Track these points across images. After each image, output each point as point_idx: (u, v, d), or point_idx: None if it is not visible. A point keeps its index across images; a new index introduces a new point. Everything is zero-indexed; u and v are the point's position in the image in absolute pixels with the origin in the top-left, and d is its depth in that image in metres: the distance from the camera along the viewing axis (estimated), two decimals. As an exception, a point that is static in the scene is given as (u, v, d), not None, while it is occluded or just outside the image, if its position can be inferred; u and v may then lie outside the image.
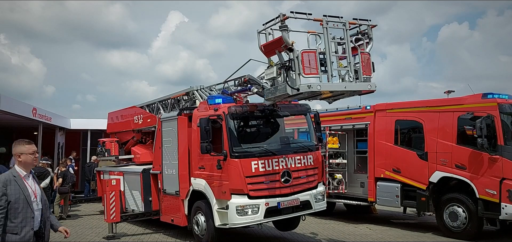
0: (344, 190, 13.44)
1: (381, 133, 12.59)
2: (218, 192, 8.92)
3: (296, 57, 7.37)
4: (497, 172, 9.93)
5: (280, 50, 7.66)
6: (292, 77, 7.48)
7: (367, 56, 8.12)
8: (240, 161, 8.60)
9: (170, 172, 10.54)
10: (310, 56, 7.42)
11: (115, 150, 14.62)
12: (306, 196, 9.26)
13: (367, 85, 8.01)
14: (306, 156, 9.37)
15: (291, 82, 7.44)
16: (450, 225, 10.76)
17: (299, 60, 7.33)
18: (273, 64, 7.88)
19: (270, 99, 8.27)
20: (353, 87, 7.93)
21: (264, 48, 7.91)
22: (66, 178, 14.11)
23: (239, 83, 9.91)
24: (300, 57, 7.34)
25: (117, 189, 10.84)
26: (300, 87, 7.32)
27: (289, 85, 7.43)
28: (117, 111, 15.33)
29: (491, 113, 10.06)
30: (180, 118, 10.22)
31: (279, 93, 7.70)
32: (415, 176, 11.55)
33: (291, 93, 7.42)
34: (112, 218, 10.62)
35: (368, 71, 8.07)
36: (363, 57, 8.02)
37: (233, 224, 8.61)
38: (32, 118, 15.79)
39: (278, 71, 7.77)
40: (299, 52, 7.37)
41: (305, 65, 7.32)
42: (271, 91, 7.99)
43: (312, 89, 7.35)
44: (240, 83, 9.88)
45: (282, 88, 7.59)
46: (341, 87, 7.83)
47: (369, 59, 8.14)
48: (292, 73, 7.47)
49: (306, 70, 7.35)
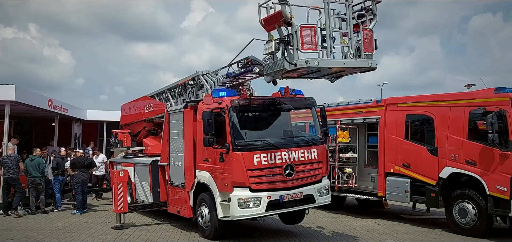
0: (354, 184, 13.30)
1: (392, 128, 12.40)
2: (221, 185, 8.96)
3: (295, 31, 7.20)
4: (508, 168, 9.64)
5: (279, 25, 7.48)
6: (290, 52, 7.29)
7: (369, 32, 7.85)
8: (242, 154, 8.61)
9: (177, 164, 10.64)
10: (309, 31, 7.23)
11: (127, 142, 14.83)
12: (310, 189, 9.22)
13: (368, 62, 7.72)
14: (310, 150, 9.31)
15: (289, 57, 7.26)
16: (459, 221, 10.56)
17: (298, 34, 7.15)
18: (273, 39, 7.70)
19: (269, 74, 8.06)
20: (353, 64, 7.71)
21: (264, 22, 7.75)
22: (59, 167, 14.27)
23: (243, 64, 9.76)
24: (298, 32, 7.15)
25: (125, 180, 10.99)
26: (298, 62, 7.13)
27: (287, 60, 7.26)
28: (129, 103, 15.55)
29: (504, 108, 9.78)
30: (186, 110, 10.29)
31: (278, 68, 7.53)
32: (425, 171, 11.35)
33: (289, 68, 7.23)
34: (120, 209, 10.80)
35: (370, 48, 7.79)
36: (365, 33, 7.76)
37: (234, 216, 8.65)
38: (48, 109, 16.13)
39: (276, 45, 7.58)
40: (298, 27, 7.19)
41: (303, 40, 7.14)
42: (270, 66, 7.83)
43: (310, 65, 7.16)
44: (243, 64, 9.73)
45: (280, 63, 7.43)
46: (340, 64, 7.61)
47: (372, 36, 7.86)
48: (291, 48, 7.29)
49: (304, 45, 7.15)
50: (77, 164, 13.96)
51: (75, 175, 13.75)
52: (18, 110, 16.00)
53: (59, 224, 11.61)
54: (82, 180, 13.77)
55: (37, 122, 22.90)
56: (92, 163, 14.52)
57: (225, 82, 10.46)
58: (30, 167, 13.30)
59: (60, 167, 14.14)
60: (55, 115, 17.63)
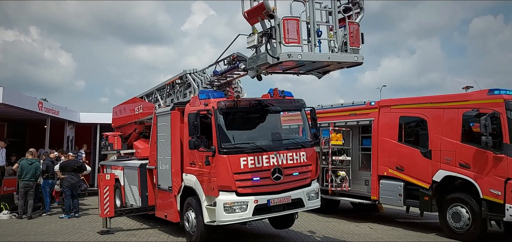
0: (347, 188, 13.09)
1: (385, 130, 12.21)
2: (207, 189, 8.74)
3: (278, 24, 6.93)
4: (502, 171, 9.45)
5: (262, 17, 7.20)
6: (273, 46, 7.04)
7: (356, 26, 7.60)
8: (228, 157, 8.39)
9: (164, 168, 10.42)
10: (292, 24, 6.95)
11: (118, 144, 14.63)
12: (299, 193, 8.97)
13: (354, 56, 7.44)
14: (299, 152, 9.08)
15: (272, 51, 7.00)
16: (453, 226, 10.34)
17: (281, 27, 6.87)
18: (256, 32, 7.44)
19: (253, 69, 7.79)
20: (338, 58, 7.41)
21: (248, 15, 7.45)
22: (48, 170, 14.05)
23: (229, 61, 9.52)
24: (281, 25, 6.88)
25: (111, 184, 10.76)
26: (280, 56, 6.87)
27: (270, 54, 7.00)
28: (120, 105, 15.35)
29: (497, 110, 9.58)
30: (173, 112, 10.08)
31: (260, 62, 7.26)
32: (418, 174, 11.15)
33: (272, 62, 6.97)
34: (106, 213, 10.57)
35: (357, 42, 7.53)
36: (351, 27, 7.51)
37: (220, 221, 8.41)
38: (39, 111, 15.89)
39: (259, 39, 7.32)
40: (281, 20, 6.91)
41: (286, 34, 6.87)
42: (253, 60, 7.58)
43: (293, 58, 6.90)
44: (229, 61, 9.49)
45: (263, 57, 7.18)
46: (325, 58, 7.31)
47: (358, 30, 7.61)
48: (274, 41, 7.03)
49: (287, 39, 6.89)
50: (67, 167, 13.72)
51: (65, 179, 13.52)
52: (8, 113, 15.81)
53: (45, 229, 11.37)
54: (72, 183, 13.52)
55: (30, 125, 22.66)
56: (82, 166, 14.28)
57: (213, 80, 10.22)
58: (27, 170, 13.04)
59: (49, 171, 13.92)
60: (46, 118, 17.38)
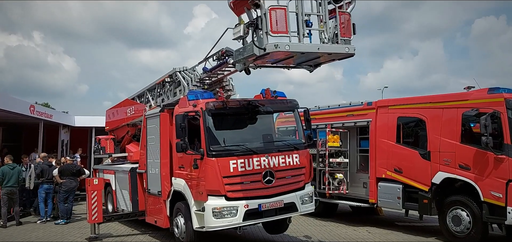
0: (345, 190, 12.74)
1: (383, 131, 11.85)
2: (196, 193, 8.42)
3: (264, 14, 6.63)
4: (503, 173, 9.09)
5: (248, 7, 6.93)
6: (260, 36, 6.73)
7: (347, 16, 7.27)
8: (217, 160, 8.07)
9: (154, 172, 10.11)
10: (279, 13, 6.63)
11: (110, 148, 14.33)
12: (292, 197, 8.64)
13: (345, 47, 7.10)
14: (292, 155, 8.75)
15: (259, 42, 6.70)
16: (453, 229, 9.97)
17: (267, 17, 6.56)
18: (242, 23, 7.15)
19: (239, 62, 7.48)
20: (328, 49, 7.10)
21: (234, 5, 7.20)
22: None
23: (218, 57, 9.18)
24: (268, 14, 6.57)
25: (100, 188, 10.45)
26: (267, 47, 6.55)
27: (256, 45, 6.69)
28: (113, 107, 15.07)
29: (498, 109, 9.23)
30: (162, 114, 9.77)
31: (247, 54, 6.93)
32: (417, 176, 10.79)
33: (258, 53, 6.65)
34: (94, 219, 10.25)
35: (348, 33, 7.21)
36: (342, 17, 7.19)
37: (209, 227, 8.07)
38: (30, 115, 15.59)
39: (245, 29, 7.04)
40: (267, 9, 6.61)
41: (272, 24, 6.55)
42: (240, 52, 7.25)
43: (280, 49, 6.56)
44: (218, 57, 9.15)
45: (249, 49, 6.86)
46: (314, 49, 6.98)
47: (350, 20, 7.28)
48: (260, 32, 6.73)
49: (273, 28, 6.58)
50: (65, 171, 13.35)
51: (64, 183, 13.15)
52: (1, 116, 15.54)
53: (32, 236, 11.07)
54: (71, 188, 13.20)
55: (25, 129, 22.39)
56: (80, 170, 13.90)
57: (203, 77, 9.89)
58: (9, 175, 12.67)
59: (45, 175, 13.56)
60: (39, 121, 17.09)
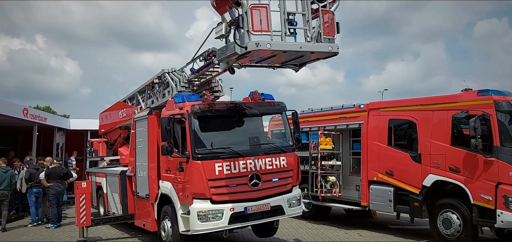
0: (338, 193, 12.67)
1: (374, 133, 11.80)
2: (182, 196, 8.37)
3: (245, 12, 6.59)
4: (492, 176, 9.04)
5: (230, 6, 6.91)
6: (241, 35, 6.69)
7: (331, 15, 7.22)
8: (202, 163, 8.02)
9: (142, 175, 10.07)
10: (260, 12, 6.58)
11: (102, 151, 14.31)
12: (279, 200, 8.59)
13: (328, 46, 7.04)
14: (279, 158, 8.70)
15: (241, 41, 6.66)
16: (444, 232, 9.91)
17: (248, 15, 6.52)
18: (225, 21, 7.08)
19: (222, 60, 7.43)
20: (311, 48, 7.04)
21: (216, 4, 7.18)
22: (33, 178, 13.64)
23: (204, 57, 9.10)
24: (249, 13, 6.53)
25: (88, 192, 10.40)
26: (248, 45, 6.50)
27: (238, 44, 6.65)
28: (106, 110, 15.02)
29: (487, 111, 9.18)
30: (150, 117, 9.73)
31: (229, 53, 6.89)
32: (408, 179, 10.73)
33: (240, 52, 6.60)
34: (82, 222, 10.19)
35: (332, 32, 7.17)
36: (326, 16, 7.15)
37: (194, 230, 8.02)
38: (23, 118, 15.57)
39: (227, 28, 7.00)
40: (248, 7, 6.57)
41: (254, 22, 6.50)
42: (222, 51, 7.21)
43: (261, 48, 6.51)
44: (204, 57, 9.07)
45: (231, 47, 6.82)
46: (296, 47, 6.92)
47: (333, 19, 7.22)
48: (242, 30, 6.68)
49: (255, 27, 6.53)
50: (52, 174, 13.30)
51: (51, 187, 13.12)
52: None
53: (21, 239, 11.03)
54: (58, 191, 13.13)
55: (21, 132, 22.39)
56: (68, 173, 13.90)
57: (192, 78, 9.85)
58: (1, 179, 12.63)
59: (33, 179, 13.53)
60: (34, 125, 17.06)
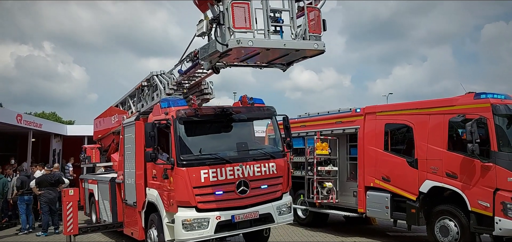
0: (334, 199, 12.35)
1: (371, 138, 11.49)
2: (167, 204, 8.14)
3: (226, 9, 6.39)
4: (490, 182, 8.71)
5: (211, 2, 6.70)
6: (223, 33, 6.49)
7: (317, 12, 7.03)
8: (187, 170, 7.78)
9: (130, 182, 9.85)
10: (241, 8, 6.40)
11: (96, 157, 14.11)
12: (268, 208, 8.34)
13: (313, 44, 6.84)
14: (268, 164, 8.45)
15: (222, 38, 6.47)
16: (441, 240, 9.58)
17: (229, 12, 6.33)
18: (207, 19, 6.88)
19: (205, 59, 7.24)
20: (295, 45, 6.84)
21: (198, 2, 6.97)
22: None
23: (191, 58, 8.87)
24: (230, 10, 6.34)
25: (75, 199, 10.15)
26: (229, 43, 6.31)
27: (219, 41, 6.46)
28: (100, 116, 14.82)
29: (484, 115, 8.87)
30: (137, 123, 9.52)
31: (211, 51, 6.71)
32: (404, 185, 10.41)
33: (221, 50, 6.41)
34: (70, 231, 9.93)
35: (318, 29, 6.98)
36: (312, 13, 6.95)
37: (179, 240, 7.77)
38: (17, 124, 15.43)
39: (208, 25, 6.80)
40: (229, 4, 6.37)
41: (235, 19, 6.31)
42: (205, 49, 7.02)
43: (242, 45, 6.29)
44: (191, 58, 8.85)
45: (213, 45, 6.63)
46: (279, 45, 6.71)
47: (320, 16, 7.02)
48: (223, 27, 6.49)
49: (236, 24, 6.34)
50: (43, 182, 13.11)
51: (42, 194, 12.92)
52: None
53: (9, 248, 10.85)
54: (50, 199, 12.93)
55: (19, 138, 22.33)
56: (59, 180, 13.69)
57: (180, 80, 9.62)
58: None
59: (24, 186, 13.32)
60: (28, 131, 16.93)
